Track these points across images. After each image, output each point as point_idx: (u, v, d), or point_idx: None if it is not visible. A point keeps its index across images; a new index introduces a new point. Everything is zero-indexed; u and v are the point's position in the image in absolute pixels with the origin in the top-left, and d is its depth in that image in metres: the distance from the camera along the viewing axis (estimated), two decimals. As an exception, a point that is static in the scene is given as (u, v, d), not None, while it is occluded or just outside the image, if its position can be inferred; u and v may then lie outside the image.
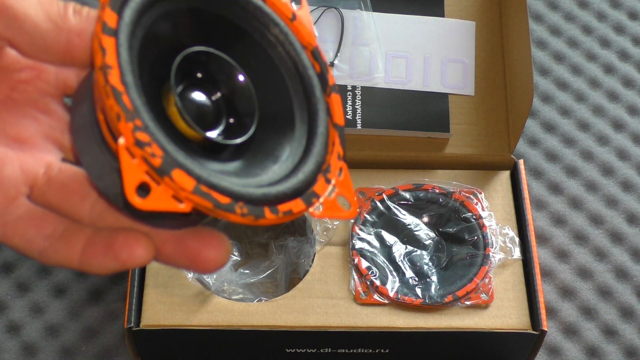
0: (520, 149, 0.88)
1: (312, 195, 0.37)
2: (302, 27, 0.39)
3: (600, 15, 0.97)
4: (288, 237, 0.77)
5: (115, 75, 0.33)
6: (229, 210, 0.34)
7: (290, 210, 0.36)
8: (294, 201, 0.36)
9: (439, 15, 0.84)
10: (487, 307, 0.72)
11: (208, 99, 0.38)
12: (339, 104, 0.39)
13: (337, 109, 0.39)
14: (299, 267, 0.75)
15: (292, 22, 0.39)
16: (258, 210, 0.35)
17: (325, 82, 0.39)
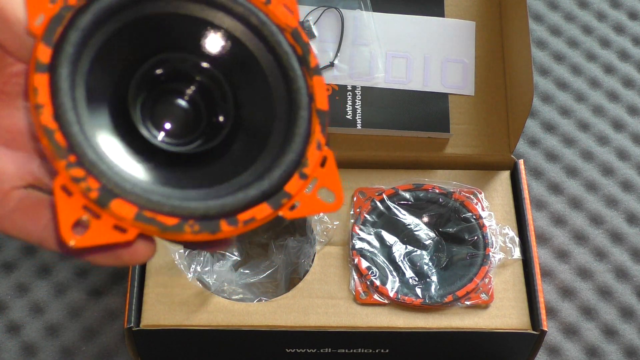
0: (520, 149, 0.88)
1: (283, 196, 0.36)
2: (279, 8, 0.37)
3: (600, 15, 0.97)
4: (288, 237, 0.77)
5: (47, 114, 0.33)
6: (178, 231, 0.34)
7: (252, 218, 0.35)
8: (259, 207, 0.35)
9: (439, 15, 0.84)
10: (487, 307, 0.72)
11: (183, 104, 0.38)
12: (322, 86, 0.37)
13: (319, 93, 0.37)
14: (299, 267, 0.75)
15: (267, 5, 0.37)
16: (212, 225, 0.34)
17: (307, 64, 0.37)
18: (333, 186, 0.37)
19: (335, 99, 0.80)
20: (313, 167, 0.36)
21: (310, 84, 0.37)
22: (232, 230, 0.35)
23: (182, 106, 0.38)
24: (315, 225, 0.75)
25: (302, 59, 0.37)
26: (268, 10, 0.37)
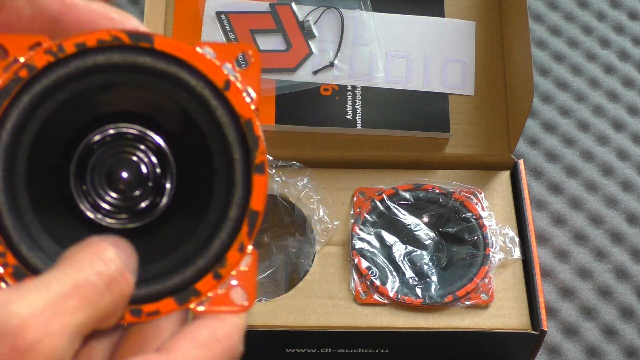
0: (520, 149, 0.88)
1: (191, 293, 0.35)
2: (237, 96, 0.36)
3: (600, 15, 0.97)
4: (288, 237, 0.77)
5: None
6: None
7: (156, 311, 0.35)
8: (165, 300, 0.35)
9: (439, 15, 0.84)
10: (487, 307, 0.72)
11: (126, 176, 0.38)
12: (261, 186, 0.36)
13: (257, 192, 0.36)
14: (299, 267, 0.75)
15: (225, 92, 0.36)
16: None
17: (251, 161, 0.36)
18: (248, 288, 0.36)
19: (335, 99, 0.80)
20: (229, 269, 0.36)
21: (250, 181, 0.36)
22: (134, 319, 0.35)
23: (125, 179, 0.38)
24: (315, 225, 0.75)
25: (249, 153, 0.36)
26: (226, 95, 0.36)
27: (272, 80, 0.80)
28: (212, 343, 0.35)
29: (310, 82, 0.80)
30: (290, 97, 0.80)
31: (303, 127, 0.79)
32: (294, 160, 0.77)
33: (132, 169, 0.38)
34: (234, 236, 0.36)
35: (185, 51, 0.35)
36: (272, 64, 0.80)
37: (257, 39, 0.81)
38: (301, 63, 0.80)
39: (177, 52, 0.35)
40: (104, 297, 0.32)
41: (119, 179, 0.38)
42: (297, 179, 0.77)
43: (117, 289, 0.32)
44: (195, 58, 0.35)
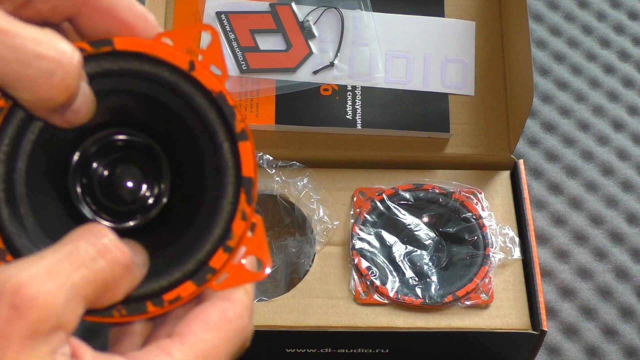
0: (520, 149, 0.88)
1: (207, 271, 0.36)
2: (204, 73, 0.36)
3: (600, 15, 0.97)
4: (288, 237, 0.77)
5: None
6: (107, 315, 0.35)
7: (177, 297, 0.36)
8: (184, 285, 0.36)
9: (439, 15, 0.84)
10: (487, 307, 0.72)
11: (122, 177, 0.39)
12: (248, 152, 0.36)
13: (246, 159, 0.36)
14: (299, 267, 0.75)
15: (191, 72, 0.36)
16: (139, 307, 0.36)
17: (232, 130, 0.36)
18: (260, 254, 0.37)
19: (335, 99, 0.80)
20: (237, 239, 0.36)
21: (236, 150, 0.36)
22: (158, 310, 0.36)
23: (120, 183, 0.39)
24: (315, 225, 0.75)
25: (228, 124, 0.36)
26: (193, 76, 0.36)
27: (272, 80, 0.80)
28: (224, 324, 0.35)
29: (310, 82, 0.80)
30: (290, 97, 0.80)
31: (303, 127, 0.79)
32: (294, 160, 0.78)
33: (128, 178, 0.39)
34: (234, 206, 0.36)
35: (144, 45, 0.36)
36: (272, 64, 0.80)
37: (257, 39, 0.81)
38: (301, 63, 0.80)
39: (137, 48, 0.36)
40: (96, 261, 0.32)
41: (118, 190, 0.39)
42: (297, 179, 0.77)
43: (110, 256, 0.33)
44: (155, 49, 0.36)
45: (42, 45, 0.32)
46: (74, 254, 0.32)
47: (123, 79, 0.36)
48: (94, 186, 0.38)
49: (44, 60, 0.32)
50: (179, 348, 0.34)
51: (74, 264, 0.32)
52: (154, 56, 0.36)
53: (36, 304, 0.30)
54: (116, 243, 0.33)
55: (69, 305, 0.31)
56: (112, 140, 0.38)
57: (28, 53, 0.32)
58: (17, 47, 0.32)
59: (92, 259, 0.32)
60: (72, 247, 0.32)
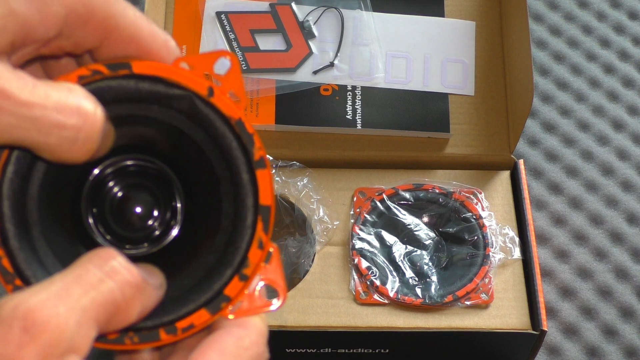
0: (520, 149, 0.88)
1: (222, 300, 0.36)
2: (222, 99, 0.36)
3: (600, 15, 0.97)
4: (288, 237, 0.77)
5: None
6: (119, 343, 0.35)
7: (191, 325, 0.35)
8: (197, 313, 0.36)
9: (439, 15, 0.84)
10: (487, 307, 0.72)
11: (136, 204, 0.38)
12: (266, 180, 0.36)
13: (263, 188, 0.36)
14: (299, 267, 0.75)
15: (210, 98, 0.36)
16: (151, 335, 0.35)
17: (250, 158, 0.36)
18: (276, 283, 0.37)
19: (335, 99, 0.80)
20: (253, 268, 0.36)
21: (254, 178, 0.36)
22: (171, 338, 0.35)
23: (135, 207, 0.38)
24: (315, 225, 0.75)
25: (247, 151, 0.36)
26: (212, 102, 0.36)
27: (272, 80, 0.80)
28: (240, 353, 0.35)
29: (310, 82, 0.80)
30: (290, 97, 0.80)
31: (303, 127, 0.79)
32: (294, 160, 0.78)
33: (140, 205, 0.38)
34: (250, 235, 0.36)
35: (163, 69, 0.36)
36: (272, 64, 0.80)
37: (257, 39, 0.81)
38: (301, 63, 0.80)
39: (155, 72, 0.36)
40: (105, 283, 0.32)
41: (129, 217, 0.38)
42: (297, 179, 0.77)
43: (118, 277, 0.33)
44: (173, 73, 0.36)
45: (63, 113, 0.32)
46: (83, 277, 0.32)
47: (138, 105, 0.36)
48: (105, 212, 0.38)
49: (65, 129, 0.32)
50: None
51: (83, 287, 0.32)
52: (172, 81, 0.36)
53: (48, 328, 0.30)
54: (125, 265, 0.33)
55: (81, 328, 0.31)
56: (125, 165, 0.38)
57: (49, 124, 0.31)
58: (37, 119, 0.31)
59: (100, 281, 0.32)
60: (81, 271, 0.32)
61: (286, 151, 0.78)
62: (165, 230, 0.39)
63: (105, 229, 0.38)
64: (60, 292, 0.31)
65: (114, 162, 0.38)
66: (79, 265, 0.33)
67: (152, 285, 0.35)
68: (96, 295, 0.32)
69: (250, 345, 0.35)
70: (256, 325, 0.36)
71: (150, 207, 0.38)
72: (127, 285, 0.33)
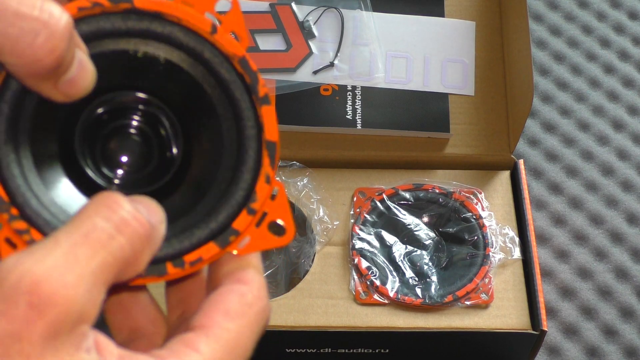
0: (520, 149, 0.88)
1: (230, 233, 0.35)
2: (225, 37, 0.36)
3: (600, 15, 0.97)
4: (288, 237, 0.77)
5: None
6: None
7: (199, 258, 0.35)
8: (206, 246, 0.35)
9: (439, 15, 0.84)
10: (487, 307, 0.72)
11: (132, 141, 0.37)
12: (271, 116, 0.36)
13: (269, 123, 0.36)
14: (299, 267, 0.75)
15: (213, 35, 0.35)
16: (158, 268, 0.34)
17: (256, 93, 0.36)
18: (284, 219, 0.36)
19: (335, 99, 0.80)
20: (262, 202, 0.35)
21: (259, 113, 0.36)
22: (178, 272, 0.35)
23: (132, 146, 0.37)
24: (315, 225, 0.75)
25: (251, 88, 0.36)
26: (214, 40, 0.36)
27: (272, 80, 0.80)
28: (245, 310, 0.34)
29: (310, 82, 0.80)
30: (290, 97, 0.80)
31: (303, 127, 0.79)
32: (293, 160, 0.77)
33: (135, 146, 0.37)
34: (257, 169, 0.35)
35: (165, 5, 0.35)
36: (272, 64, 0.80)
37: (257, 39, 0.81)
38: (301, 63, 0.80)
39: (157, 8, 0.35)
40: (115, 239, 0.30)
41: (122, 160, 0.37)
42: (297, 179, 0.77)
43: (129, 230, 0.31)
44: (176, 10, 0.35)
45: (24, 4, 0.30)
46: (91, 235, 0.30)
47: (138, 40, 0.35)
48: (96, 155, 0.37)
49: (26, 19, 0.30)
50: (204, 341, 0.32)
51: (92, 246, 0.30)
52: (175, 17, 0.35)
53: (56, 302, 0.28)
54: (134, 214, 0.31)
55: (91, 295, 0.29)
56: (122, 102, 0.37)
57: (8, 10, 0.30)
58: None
59: (111, 237, 0.30)
60: (89, 227, 0.30)
61: (286, 151, 0.78)
62: (164, 169, 0.37)
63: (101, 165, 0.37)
64: (68, 255, 0.29)
65: (109, 98, 0.37)
66: (85, 217, 0.31)
67: (157, 226, 0.33)
68: (106, 255, 0.30)
69: (254, 300, 0.34)
70: (255, 278, 0.35)
71: (145, 150, 0.37)
72: (138, 238, 0.31)
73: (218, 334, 0.33)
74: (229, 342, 0.33)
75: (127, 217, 0.31)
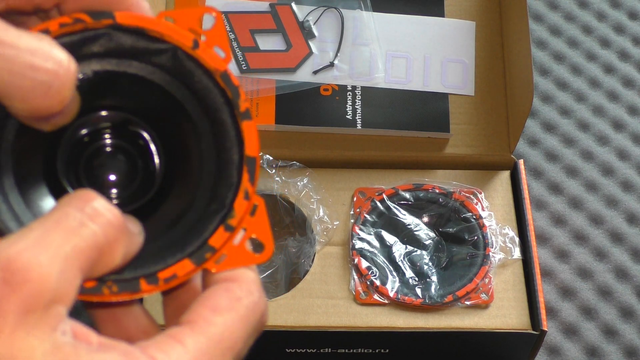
0: (520, 149, 0.88)
1: (207, 250, 0.34)
2: (207, 52, 0.35)
3: (600, 15, 0.97)
4: (288, 237, 0.77)
5: None
6: (97, 293, 0.33)
7: (174, 275, 0.34)
8: (181, 263, 0.34)
9: (439, 15, 0.84)
10: (487, 307, 0.72)
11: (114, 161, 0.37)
12: (252, 132, 0.35)
13: (249, 138, 0.35)
14: (299, 267, 0.75)
15: (195, 50, 0.35)
16: (132, 285, 0.34)
17: (237, 108, 0.35)
18: (262, 236, 0.35)
19: (335, 99, 0.80)
20: (240, 218, 0.35)
21: (240, 129, 0.35)
22: (152, 288, 0.34)
23: (113, 165, 0.37)
24: (315, 225, 0.75)
25: (232, 102, 0.35)
26: (196, 55, 0.35)
27: (272, 80, 0.80)
28: (234, 304, 0.33)
29: (310, 82, 0.80)
30: (290, 97, 0.80)
31: (303, 127, 0.79)
32: (294, 160, 0.78)
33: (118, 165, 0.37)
34: (236, 185, 0.35)
35: (146, 21, 0.35)
36: (272, 64, 0.80)
37: (257, 39, 0.81)
38: (301, 63, 0.80)
39: (139, 23, 0.35)
40: (87, 226, 0.31)
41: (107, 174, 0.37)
42: (297, 179, 0.77)
43: (101, 220, 0.31)
44: (157, 25, 0.35)
45: (37, 56, 0.31)
46: (63, 222, 0.30)
47: (118, 61, 0.35)
48: (80, 174, 0.37)
49: (39, 72, 0.31)
50: (189, 335, 0.32)
51: (64, 232, 0.30)
52: (157, 32, 0.35)
53: (29, 278, 0.28)
54: (106, 206, 0.31)
55: (64, 276, 0.29)
56: (102, 121, 0.37)
57: (22, 64, 0.30)
58: (10, 58, 0.30)
59: (82, 224, 0.31)
60: (60, 215, 0.30)
61: (286, 151, 0.78)
62: (144, 188, 0.37)
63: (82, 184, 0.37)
64: (40, 239, 0.29)
65: (89, 119, 0.36)
66: (57, 209, 0.31)
67: (132, 230, 0.33)
68: (78, 240, 0.30)
69: (243, 294, 0.34)
70: (246, 275, 0.34)
71: (126, 170, 0.37)
72: (110, 227, 0.31)
73: (204, 327, 0.32)
74: (215, 335, 0.32)
75: (99, 208, 0.31)
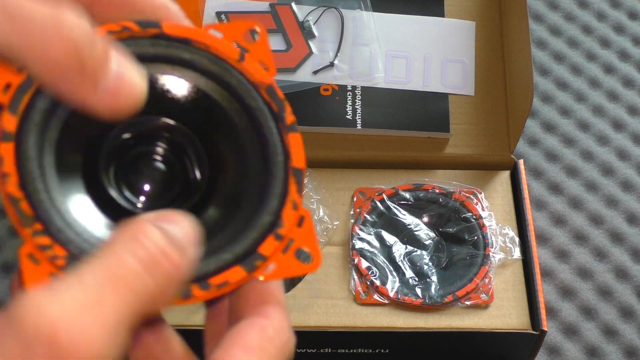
0: (520, 149, 0.88)
1: (256, 258, 0.35)
2: (253, 65, 0.36)
3: (600, 15, 0.97)
4: (288, 237, 0.77)
5: (13, 183, 0.33)
6: None
7: (225, 282, 0.34)
8: (232, 269, 0.34)
9: (439, 15, 0.84)
10: (487, 307, 0.72)
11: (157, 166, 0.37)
12: (299, 144, 0.36)
13: (295, 150, 0.36)
14: (299, 267, 0.75)
15: (241, 62, 0.36)
16: (184, 291, 0.34)
17: (283, 121, 0.36)
18: (310, 246, 0.36)
19: (335, 99, 0.80)
20: (289, 228, 0.35)
21: (286, 141, 0.36)
22: (204, 294, 0.34)
23: (156, 169, 0.37)
24: (315, 225, 0.75)
25: (278, 116, 0.36)
26: (242, 68, 0.36)
27: (272, 80, 0.80)
28: (265, 344, 0.33)
29: (310, 82, 0.80)
30: (290, 97, 0.79)
31: (303, 127, 0.79)
32: (294, 160, 0.77)
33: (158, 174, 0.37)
34: (284, 196, 0.36)
35: (193, 32, 0.35)
36: (272, 64, 0.80)
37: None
38: (301, 63, 0.80)
39: (186, 34, 0.35)
40: (143, 281, 0.29)
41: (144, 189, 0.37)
42: (297, 179, 0.77)
43: (159, 272, 0.29)
44: (204, 37, 0.36)
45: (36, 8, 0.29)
46: (117, 276, 0.28)
47: (165, 66, 0.35)
48: (125, 173, 0.37)
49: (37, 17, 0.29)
50: None
51: (118, 289, 0.28)
52: (203, 44, 0.35)
53: (79, 350, 0.26)
54: (164, 249, 0.29)
55: (113, 342, 0.27)
56: (147, 127, 0.37)
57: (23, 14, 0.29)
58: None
59: (138, 278, 0.28)
60: (116, 265, 0.28)
61: (286, 151, 0.78)
62: (191, 192, 0.37)
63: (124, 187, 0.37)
64: (91, 297, 0.27)
65: (134, 122, 0.36)
66: (112, 252, 0.29)
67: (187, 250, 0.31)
68: (134, 299, 0.28)
69: (275, 334, 0.34)
70: (277, 311, 0.35)
71: (169, 179, 0.37)
72: (169, 279, 0.29)
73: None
74: None
75: (158, 256, 0.29)
